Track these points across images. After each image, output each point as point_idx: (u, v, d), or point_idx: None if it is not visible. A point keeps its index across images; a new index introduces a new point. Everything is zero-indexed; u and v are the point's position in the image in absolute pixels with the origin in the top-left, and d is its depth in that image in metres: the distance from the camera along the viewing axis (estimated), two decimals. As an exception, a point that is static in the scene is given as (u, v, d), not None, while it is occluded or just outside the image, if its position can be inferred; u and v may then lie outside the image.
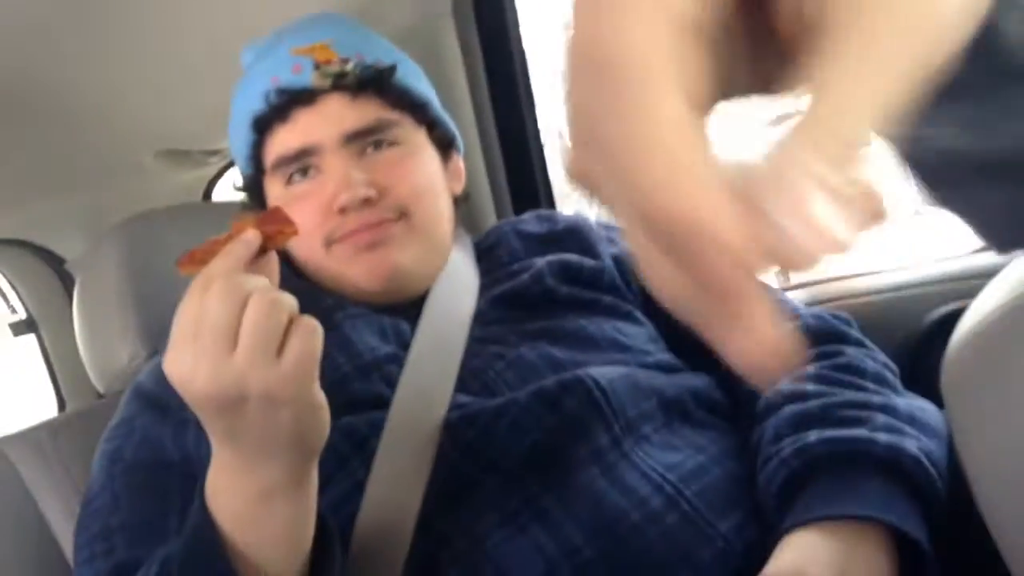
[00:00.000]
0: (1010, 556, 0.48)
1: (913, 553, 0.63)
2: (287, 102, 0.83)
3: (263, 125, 0.85)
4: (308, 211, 0.83)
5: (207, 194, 1.70)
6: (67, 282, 1.71)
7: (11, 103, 1.12)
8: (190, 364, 0.54)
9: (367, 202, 0.81)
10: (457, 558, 0.68)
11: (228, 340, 0.54)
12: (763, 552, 0.67)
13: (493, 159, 1.27)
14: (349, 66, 0.83)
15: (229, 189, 1.71)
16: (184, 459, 0.76)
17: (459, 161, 0.97)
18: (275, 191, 0.86)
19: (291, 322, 0.56)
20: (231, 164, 1.63)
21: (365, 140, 0.84)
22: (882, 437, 0.68)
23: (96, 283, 1.06)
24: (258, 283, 0.56)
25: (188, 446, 0.76)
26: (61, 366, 1.75)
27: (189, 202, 1.59)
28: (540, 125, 1.31)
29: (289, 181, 0.85)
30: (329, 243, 0.83)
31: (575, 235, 0.96)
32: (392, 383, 0.77)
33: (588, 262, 0.91)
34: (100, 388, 1.08)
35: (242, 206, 0.93)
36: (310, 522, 0.62)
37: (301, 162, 0.83)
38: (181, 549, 0.61)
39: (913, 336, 1.02)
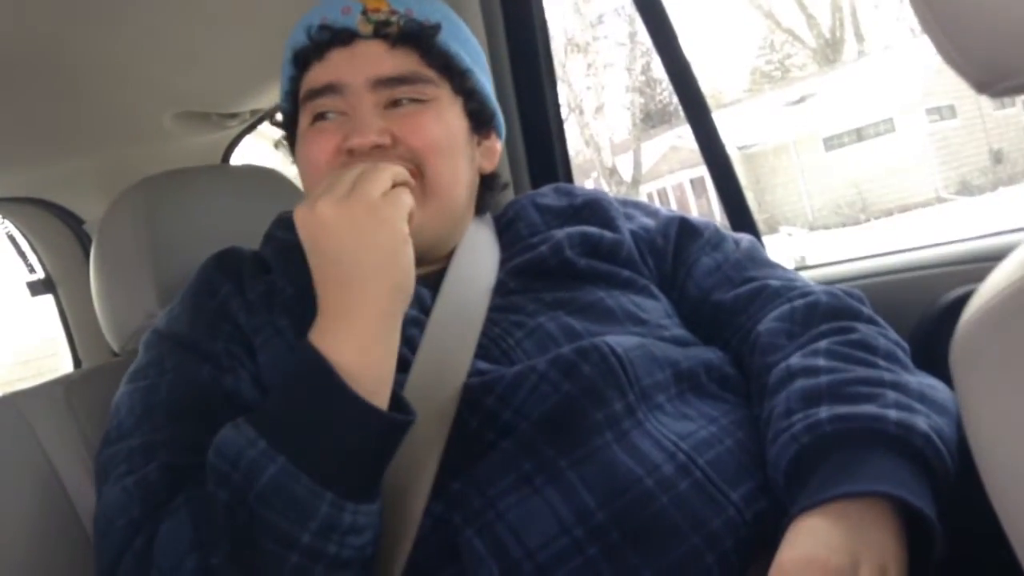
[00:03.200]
0: (1014, 533, 0.48)
1: (923, 530, 0.64)
2: (327, 40, 0.84)
3: (302, 60, 0.86)
4: (320, 149, 0.83)
5: (225, 158, 1.71)
6: (85, 242, 1.72)
7: (32, 63, 1.13)
8: (312, 201, 0.69)
9: (379, 148, 0.81)
10: (471, 518, 0.69)
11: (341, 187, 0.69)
12: (773, 522, 0.68)
13: (513, 133, 1.27)
14: (395, 17, 0.84)
15: (247, 154, 1.72)
16: (227, 395, 0.78)
17: (496, 143, 0.96)
18: (303, 125, 0.87)
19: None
20: (250, 128, 1.63)
21: (394, 90, 0.83)
22: (892, 414, 0.68)
23: (112, 242, 1.06)
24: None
25: (227, 385, 0.78)
26: (78, 326, 1.77)
27: (207, 164, 1.59)
28: (559, 99, 1.31)
29: (315, 118, 0.85)
30: None
31: (594, 209, 0.96)
32: (413, 347, 0.78)
33: (607, 235, 0.92)
34: (115, 347, 1.09)
35: (259, 171, 0.94)
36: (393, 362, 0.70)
37: (327, 98, 0.83)
38: (286, 382, 0.69)
39: (926, 317, 1.02)
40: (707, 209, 11.41)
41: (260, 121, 1.60)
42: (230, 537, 0.64)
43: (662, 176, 12.68)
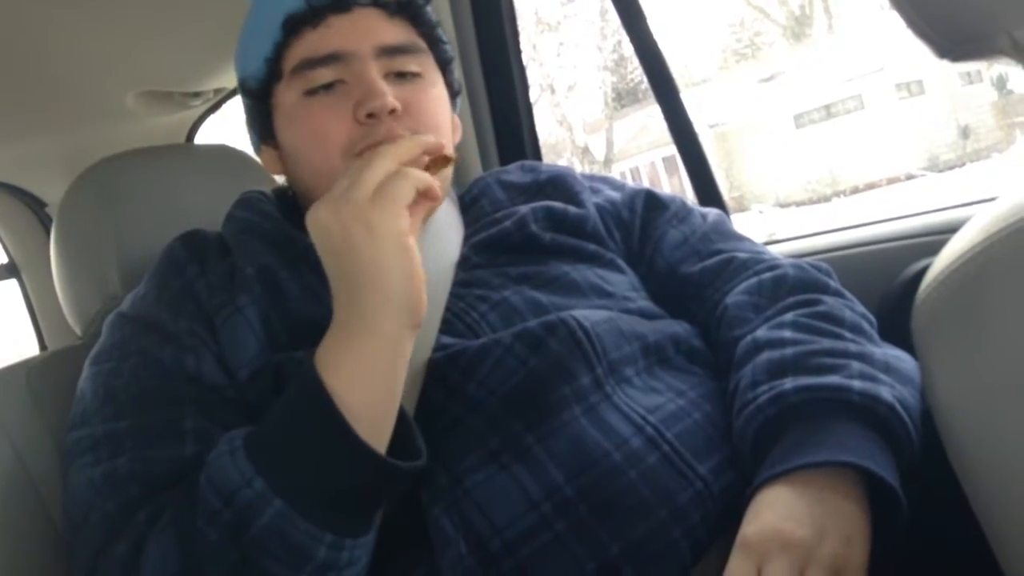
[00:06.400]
0: (975, 494, 0.49)
1: (886, 499, 0.64)
2: (325, 5, 0.82)
3: (294, 25, 0.82)
4: (330, 119, 0.80)
5: (189, 138, 1.68)
6: (47, 225, 1.69)
7: None
8: (319, 205, 0.66)
9: (393, 113, 0.79)
10: (438, 495, 0.69)
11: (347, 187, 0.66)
12: (740, 495, 0.68)
13: (480, 111, 1.26)
14: None
15: (210, 133, 1.69)
16: (189, 377, 0.75)
17: (457, 115, 0.96)
18: (289, 99, 0.83)
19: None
20: (214, 108, 1.61)
21: (395, 59, 0.82)
22: (857, 384, 0.69)
23: (73, 224, 1.04)
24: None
25: (189, 366, 0.76)
26: (43, 312, 1.74)
27: (169, 143, 1.57)
28: (527, 76, 1.30)
29: (310, 92, 0.82)
30: (348, 155, 0.80)
31: (559, 184, 0.96)
32: None
33: (572, 210, 0.91)
34: (78, 331, 1.07)
35: (223, 150, 0.93)
36: (398, 399, 0.67)
37: (327, 68, 0.81)
38: (285, 412, 0.65)
39: (889, 290, 1.03)
40: (679, 187, 11.44)
41: (224, 100, 1.57)
42: None
43: (634, 155, 12.68)
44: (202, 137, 1.70)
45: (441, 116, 0.85)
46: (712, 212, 0.99)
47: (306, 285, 0.81)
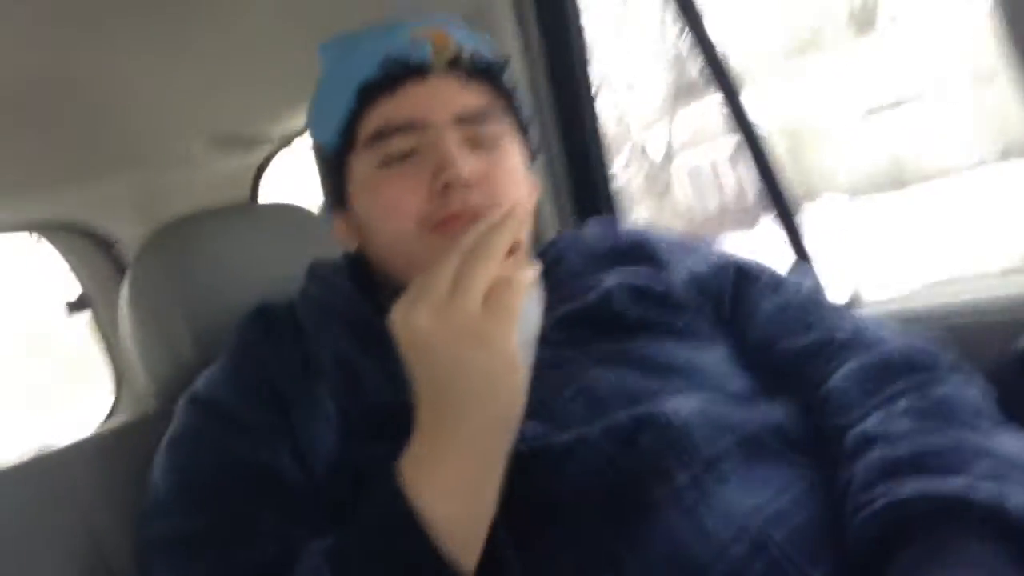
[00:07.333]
0: None
1: None
2: (401, 73, 0.79)
3: (370, 93, 0.79)
4: (405, 189, 0.77)
5: (255, 180, 1.69)
6: (117, 263, 1.72)
7: (64, 87, 1.11)
8: (408, 304, 0.61)
9: (470, 186, 0.76)
10: None
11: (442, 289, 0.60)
12: None
13: (554, 161, 1.21)
14: (465, 53, 0.80)
15: (275, 179, 1.69)
16: (266, 473, 0.73)
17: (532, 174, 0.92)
18: (363, 168, 0.81)
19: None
20: (278, 150, 1.60)
21: (473, 126, 0.79)
22: (983, 488, 0.63)
23: (143, 288, 1.03)
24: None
25: (266, 461, 0.73)
26: (115, 346, 1.77)
27: (235, 203, 1.57)
28: (600, 125, 1.24)
29: (385, 161, 0.79)
30: (423, 227, 0.77)
31: (641, 250, 0.91)
32: None
33: (657, 281, 0.87)
34: (152, 394, 1.07)
35: (285, 209, 0.91)
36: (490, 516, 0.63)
37: (405, 137, 0.78)
38: (371, 529, 0.61)
39: (1003, 361, 0.95)
40: (740, 185, 11.26)
41: (287, 144, 1.57)
42: None
43: (694, 149, 12.52)
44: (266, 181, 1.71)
45: (519, 184, 0.82)
46: (805, 282, 0.93)
47: (385, 371, 0.77)
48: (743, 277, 0.90)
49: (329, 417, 0.76)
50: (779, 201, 1.21)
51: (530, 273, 0.63)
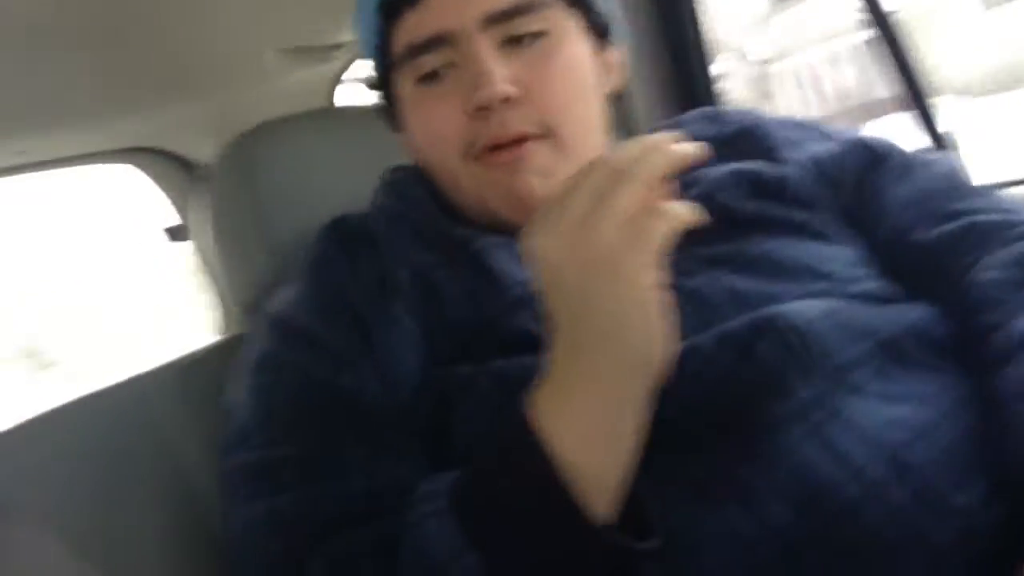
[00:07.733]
0: None
1: None
2: None
3: (391, 9, 0.73)
4: (442, 115, 0.72)
5: (332, 94, 1.63)
6: (200, 187, 1.71)
7: (128, 9, 1.06)
8: (546, 233, 0.56)
9: (508, 102, 0.69)
10: None
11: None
12: (1016, 533, 0.55)
13: (651, 47, 1.09)
14: None
15: (355, 86, 1.63)
16: (349, 398, 0.69)
17: (615, 52, 0.81)
18: (405, 89, 0.76)
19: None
20: (355, 59, 1.54)
21: (508, 25, 0.71)
22: None
23: (218, 204, 1.00)
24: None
25: (348, 385, 0.69)
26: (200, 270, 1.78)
27: (313, 108, 1.52)
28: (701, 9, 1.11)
29: (421, 80, 0.73)
30: (467, 156, 0.72)
31: (751, 138, 0.81)
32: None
33: (769, 170, 0.77)
34: (233, 310, 1.04)
35: (375, 110, 0.84)
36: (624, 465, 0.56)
37: (433, 53, 0.71)
38: (500, 475, 0.56)
39: None
40: (844, 85, 10.71)
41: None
42: None
43: (794, 54, 11.97)
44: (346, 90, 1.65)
45: (576, 84, 0.73)
46: (941, 161, 0.81)
47: (465, 288, 0.71)
48: (872, 159, 0.80)
49: (411, 337, 0.71)
50: (917, 99, 1.09)
51: (686, 210, 0.55)
